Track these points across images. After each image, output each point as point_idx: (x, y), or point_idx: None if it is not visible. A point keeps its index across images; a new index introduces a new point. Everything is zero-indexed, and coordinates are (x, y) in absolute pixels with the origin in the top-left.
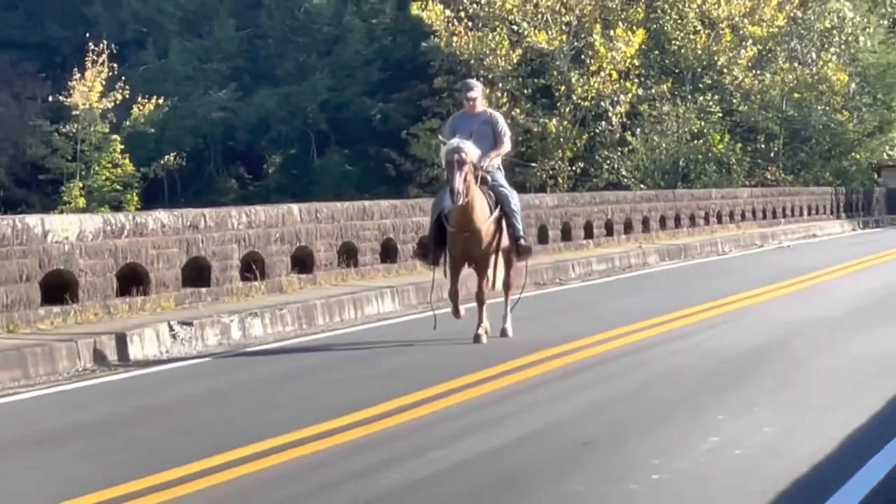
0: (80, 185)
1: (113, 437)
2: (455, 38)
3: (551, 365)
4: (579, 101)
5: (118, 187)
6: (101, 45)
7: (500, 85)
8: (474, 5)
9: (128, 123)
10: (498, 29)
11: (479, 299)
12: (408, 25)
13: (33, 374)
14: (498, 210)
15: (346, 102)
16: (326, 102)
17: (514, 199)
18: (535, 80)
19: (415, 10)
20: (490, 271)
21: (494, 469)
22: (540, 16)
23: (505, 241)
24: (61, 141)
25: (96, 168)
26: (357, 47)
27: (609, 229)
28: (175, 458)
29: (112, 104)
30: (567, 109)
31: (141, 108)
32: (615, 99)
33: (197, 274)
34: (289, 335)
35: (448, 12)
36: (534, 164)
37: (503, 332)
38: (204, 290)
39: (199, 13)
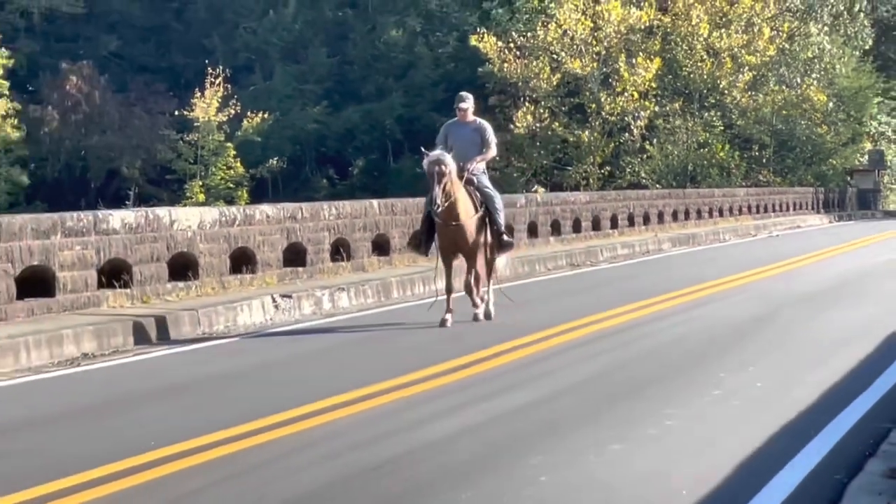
0: (200, 183)
1: (232, 388)
2: (506, 65)
3: (583, 332)
4: (607, 116)
5: (231, 185)
6: (218, 70)
7: (542, 103)
8: (521, 38)
9: (239, 133)
10: (540, 57)
11: (468, 289)
12: (467, 54)
13: (162, 336)
14: (483, 209)
15: (417, 116)
16: (401, 116)
17: (498, 200)
18: (571, 99)
19: (473, 41)
20: (479, 263)
21: (536, 417)
22: (575, 47)
23: (488, 238)
24: (185, 147)
25: (213, 170)
26: (426, 72)
27: (631, 221)
28: (286, 403)
29: (226, 118)
30: (597, 123)
31: (250, 120)
32: (636, 115)
33: (295, 256)
34: (370, 306)
35: (500, 43)
36: (569, 168)
37: (486, 315)
38: (301, 269)
39: (297, 43)
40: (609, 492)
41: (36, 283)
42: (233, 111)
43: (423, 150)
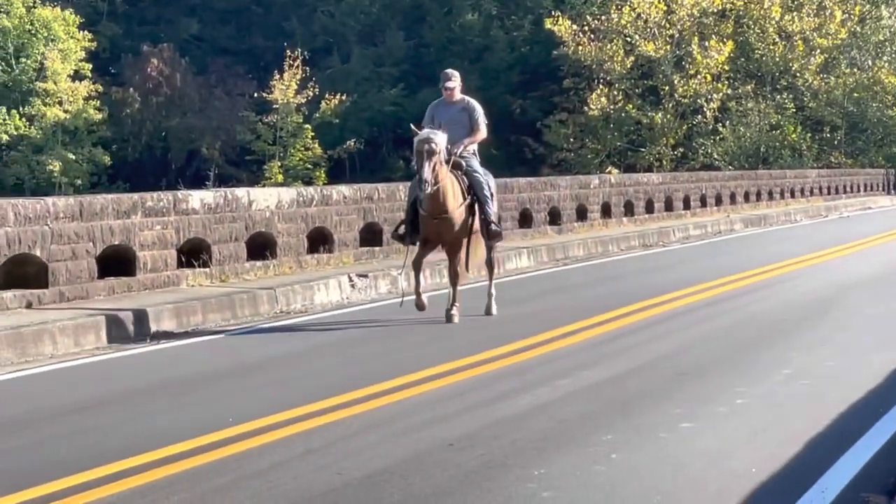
0: (279, 164)
1: (307, 365)
2: (580, 48)
3: (653, 311)
4: (680, 98)
5: (309, 166)
6: (297, 52)
7: (616, 85)
8: (596, 21)
9: (317, 115)
10: (614, 40)
11: (452, 280)
12: (542, 37)
13: (240, 315)
14: (471, 196)
15: (493, 99)
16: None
17: (488, 185)
18: (645, 82)
19: (548, 24)
20: (462, 253)
21: (607, 395)
22: (648, 29)
23: (477, 225)
24: (264, 129)
25: (292, 151)
26: (501, 55)
27: (703, 202)
28: (360, 381)
29: (305, 100)
30: (670, 105)
31: (328, 102)
32: (709, 97)
33: (371, 236)
34: (444, 286)
35: (574, 26)
36: (643, 150)
37: (487, 311)
38: (377, 248)
39: (375, 26)
40: (679, 469)
41: (117, 262)
42: (311, 93)
43: (412, 127)
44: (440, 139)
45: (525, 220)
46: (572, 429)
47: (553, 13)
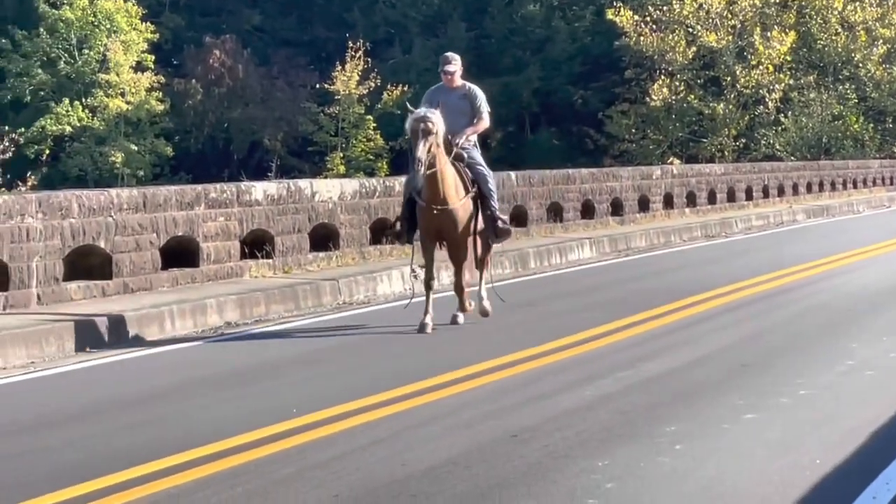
0: (341, 155)
1: (368, 356)
2: (642, 38)
3: (715, 303)
4: (742, 89)
5: (371, 157)
6: (358, 44)
7: (678, 76)
8: (657, 12)
9: (379, 106)
10: (676, 30)
11: (458, 291)
12: (603, 28)
13: (303, 306)
14: (474, 189)
15: (554, 90)
16: (538, 90)
17: (491, 179)
18: (706, 72)
19: (609, 15)
20: (469, 259)
21: (670, 386)
22: (710, 20)
23: (481, 223)
24: (326, 120)
25: (354, 142)
26: (563, 45)
27: (765, 192)
28: (420, 373)
29: (366, 91)
30: (732, 96)
31: (390, 93)
32: (771, 87)
33: None
34: (506, 276)
35: (636, 17)
36: (705, 140)
37: (483, 312)
38: None
39: (436, 17)
40: (742, 460)
41: (180, 254)
42: (373, 84)
43: (407, 105)
44: (437, 119)
45: (587, 210)
46: (635, 420)
47: (615, 4)
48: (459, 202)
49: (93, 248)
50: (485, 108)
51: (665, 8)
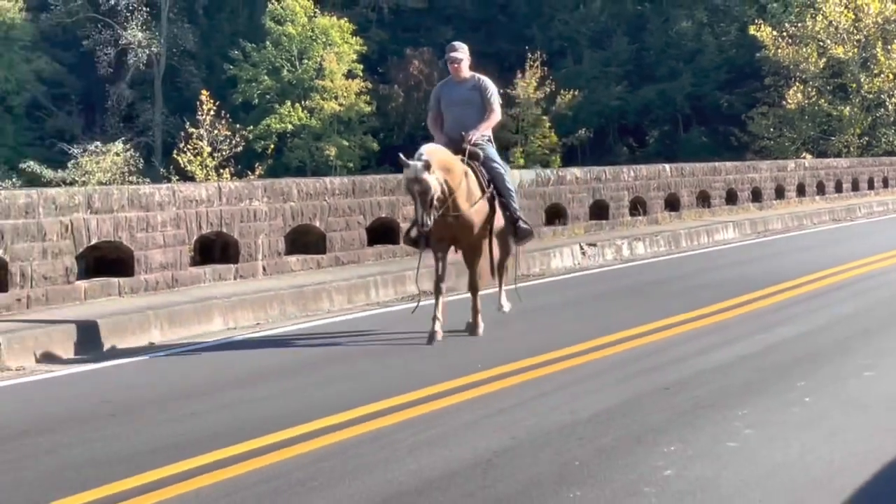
0: (520, 150)
1: (549, 317)
2: (779, 51)
3: (847, 275)
4: (866, 94)
5: (546, 152)
6: (536, 55)
7: (810, 83)
8: (793, 28)
9: (553, 108)
10: (809, 44)
11: (474, 290)
12: (746, 42)
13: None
14: (490, 189)
15: (704, 95)
16: (690, 95)
17: (508, 177)
18: (835, 80)
19: (751, 31)
20: (484, 261)
21: (801, 348)
22: (838, 35)
23: (499, 223)
24: (508, 120)
25: (531, 139)
26: (711, 56)
27: (885, 183)
28: (580, 335)
29: (543, 95)
30: (857, 100)
31: (563, 98)
32: (891, 93)
33: (599, 211)
34: (661, 254)
35: (774, 32)
36: (833, 138)
37: (500, 309)
38: (604, 222)
39: (603, 33)
40: (862, 411)
41: (383, 232)
42: (548, 90)
43: (400, 157)
44: (430, 178)
45: (731, 197)
46: (770, 377)
47: (756, 21)
48: (473, 207)
49: (309, 227)
50: (496, 100)
51: (799, 24)
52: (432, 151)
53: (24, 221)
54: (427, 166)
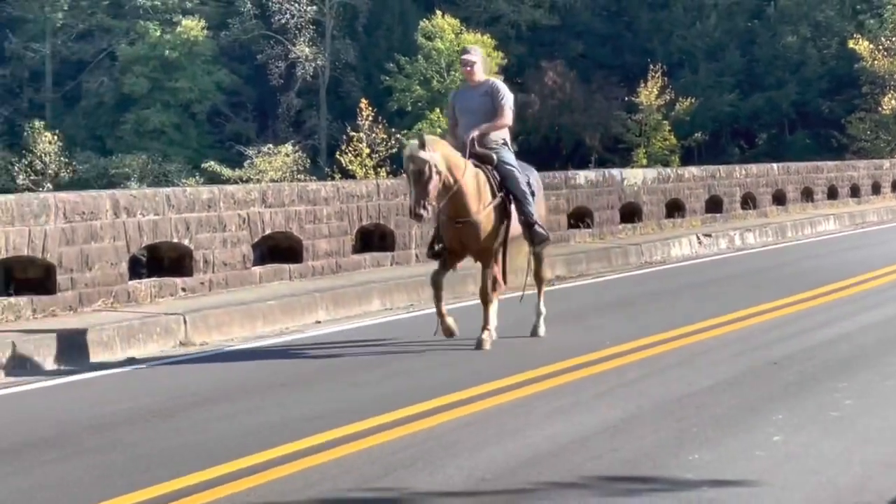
0: (643, 151)
1: (672, 299)
2: (875, 62)
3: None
4: None
5: (666, 153)
6: (658, 66)
7: None
8: (888, 42)
9: (673, 114)
10: None
11: (484, 298)
12: (845, 54)
13: (614, 264)
14: (502, 193)
15: (807, 101)
16: (795, 101)
17: (523, 181)
18: None
19: (850, 44)
20: (496, 267)
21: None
22: None
23: (516, 229)
24: (632, 124)
25: (653, 141)
26: (814, 67)
27: None
28: (707, 314)
29: (663, 102)
30: None
31: (681, 104)
32: None
33: (713, 205)
34: (769, 243)
35: (871, 46)
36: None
37: (533, 331)
38: (718, 215)
39: (717, 46)
40: None
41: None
42: (668, 97)
43: (403, 142)
44: (425, 155)
45: (831, 193)
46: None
47: (854, 36)
48: (483, 212)
49: (379, 226)
50: (507, 104)
51: (894, 38)
52: (435, 139)
53: (207, 214)
54: (422, 144)
